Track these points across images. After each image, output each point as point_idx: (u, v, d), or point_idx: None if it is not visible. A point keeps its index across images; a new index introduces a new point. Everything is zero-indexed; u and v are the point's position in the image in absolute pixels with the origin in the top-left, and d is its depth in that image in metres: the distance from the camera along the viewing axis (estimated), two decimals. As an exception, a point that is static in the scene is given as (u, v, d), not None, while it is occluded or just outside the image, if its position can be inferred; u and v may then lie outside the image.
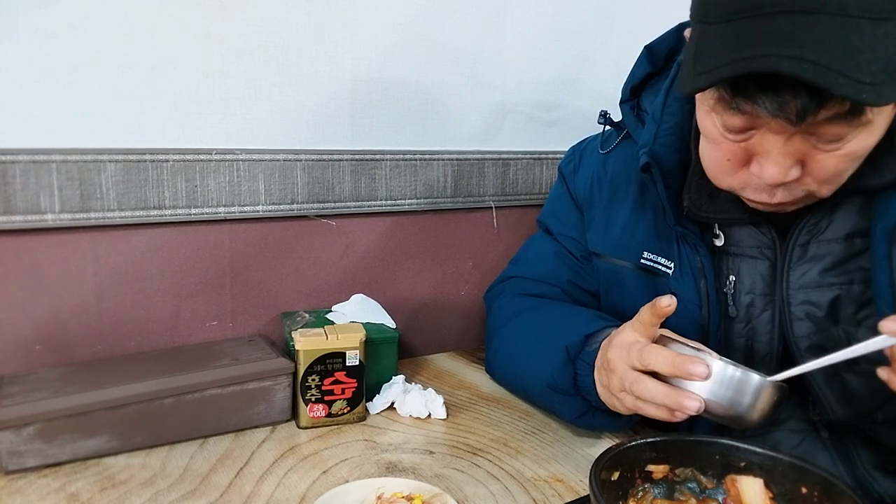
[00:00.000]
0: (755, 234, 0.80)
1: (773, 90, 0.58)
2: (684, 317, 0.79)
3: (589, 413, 0.82)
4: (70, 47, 0.87)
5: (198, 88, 0.95)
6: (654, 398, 0.67)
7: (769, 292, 0.80)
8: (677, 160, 0.81)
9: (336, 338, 0.86)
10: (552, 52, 1.22)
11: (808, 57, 0.55)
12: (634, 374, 0.69)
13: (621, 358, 0.70)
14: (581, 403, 0.81)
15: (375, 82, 1.07)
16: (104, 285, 0.94)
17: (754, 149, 0.66)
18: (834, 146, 0.63)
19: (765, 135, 0.64)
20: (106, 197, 0.91)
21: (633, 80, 0.88)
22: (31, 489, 0.72)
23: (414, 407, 0.91)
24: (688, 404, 0.65)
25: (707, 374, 0.64)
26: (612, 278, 0.93)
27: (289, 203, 1.03)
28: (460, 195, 1.18)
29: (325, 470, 0.77)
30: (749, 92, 0.60)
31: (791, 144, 0.63)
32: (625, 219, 0.91)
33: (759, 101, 0.59)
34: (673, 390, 0.66)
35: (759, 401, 0.65)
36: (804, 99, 0.57)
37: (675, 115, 0.82)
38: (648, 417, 0.70)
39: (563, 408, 0.85)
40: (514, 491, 0.74)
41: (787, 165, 0.64)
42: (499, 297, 1.05)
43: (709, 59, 0.60)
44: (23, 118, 0.86)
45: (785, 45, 0.55)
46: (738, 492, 0.65)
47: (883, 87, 0.55)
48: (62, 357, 0.92)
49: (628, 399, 0.71)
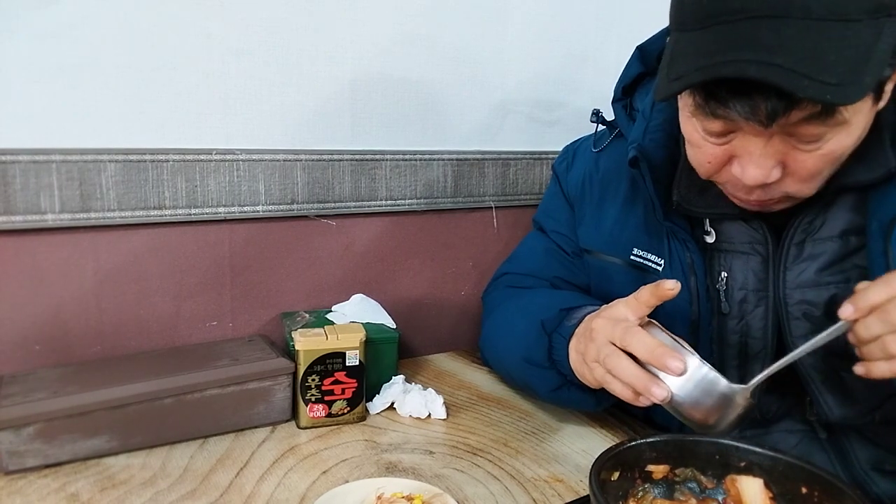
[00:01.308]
0: (746, 229, 0.80)
1: (744, 94, 0.60)
2: (675, 313, 0.80)
3: (564, 387, 0.83)
4: (70, 47, 0.87)
5: (198, 88, 0.95)
6: (623, 376, 0.69)
7: (762, 288, 0.80)
8: (666, 155, 0.82)
9: (336, 338, 0.86)
10: (552, 51, 1.22)
11: (775, 61, 0.56)
12: (612, 347, 0.70)
13: (605, 330, 0.71)
14: (556, 377, 0.83)
15: (375, 82, 1.07)
16: (104, 285, 0.94)
17: (735, 150, 0.67)
18: (813, 146, 0.64)
19: (745, 137, 0.65)
20: (106, 197, 0.91)
21: (626, 79, 0.90)
22: (31, 489, 0.72)
23: (414, 407, 0.91)
24: (656, 392, 0.66)
25: (682, 371, 0.66)
26: (602, 275, 0.93)
27: (289, 203, 1.03)
28: (460, 195, 1.18)
29: (325, 470, 0.77)
30: (721, 97, 0.61)
31: (771, 146, 0.64)
32: (615, 215, 0.91)
33: (731, 105, 0.61)
34: (645, 374, 0.68)
35: (724, 408, 0.66)
36: (774, 101, 0.59)
37: (664, 111, 0.83)
38: (614, 395, 0.72)
39: (538, 381, 0.86)
40: (514, 491, 0.74)
41: (768, 167, 0.65)
42: (491, 293, 1.08)
43: (681, 65, 0.62)
44: (23, 118, 0.86)
45: (752, 50, 0.57)
46: (738, 492, 0.65)
47: (849, 87, 0.56)
48: (62, 357, 0.92)
49: (598, 370, 0.72)
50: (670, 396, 0.66)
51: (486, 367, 1.09)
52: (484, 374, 1.08)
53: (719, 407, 0.66)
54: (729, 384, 0.66)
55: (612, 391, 0.71)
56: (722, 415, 0.66)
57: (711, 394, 0.66)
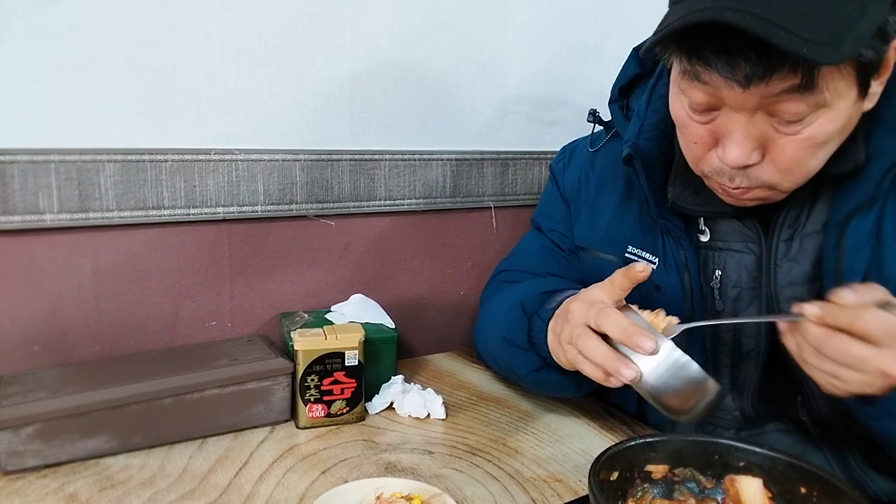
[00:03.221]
0: (739, 227, 0.80)
1: (726, 53, 0.61)
2: (669, 310, 0.80)
3: (543, 370, 0.84)
4: (69, 47, 0.86)
5: (197, 88, 0.95)
6: (594, 357, 0.69)
7: (755, 286, 0.80)
8: (660, 154, 0.83)
9: (335, 338, 0.86)
10: (552, 51, 1.22)
11: (753, 10, 0.57)
12: (584, 329, 0.70)
13: (580, 312, 0.72)
14: (535, 359, 0.84)
15: (375, 82, 1.07)
16: (103, 285, 0.94)
17: (719, 130, 0.68)
18: (794, 128, 0.65)
19: (728, 114, 0.66)
20: (105, 197, 0.91)
21: (622, 80, 0.91)
22: (31, 489, 0.72)
23: (413, 407, 0.92)
24: (624, 372, 0.67)
25: (653, 350, 0.65)
26: (597, 272, 0.93)
27: (288, 203, 1.03)
28: (459, 195, 1.18)
29: (324, 470, 0.77)
30: (704, 56, 0.62)
31: (753, 125, 0.65)
32: (610, 213, 0.92)
33: (713, 63, 0.62)
34: (614, 355, 0.68)
35: (693, 393, 0.65)
36: (753, 62, 0.60)
37: (659, 111, 0.83)
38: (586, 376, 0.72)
39: (519, 363, 0.88)
40: (513, 491, 0.74)
41: (748, 147, 0.66)
42: (487, 288, 1.09)
43: (665, 21, 0.64)
44: (22, 118, 0.86)
45: (732, 0, 0.58)
46: (738, 492, 0.65)
47: (826, 47, 0.57)
48: (61, 357, 0.92)
49: (571, 351, 0.73)
50: (640, 377, 0.66)
51: (481, 363, 1.10)
52: (483, 373, 1.08)
53: (690, 392, 0.65)
54: (700, 369, 0.65)
55: (583, 372, 0.72)
56: (693, 401, 0.66)
57: (681, 378, 0.65)
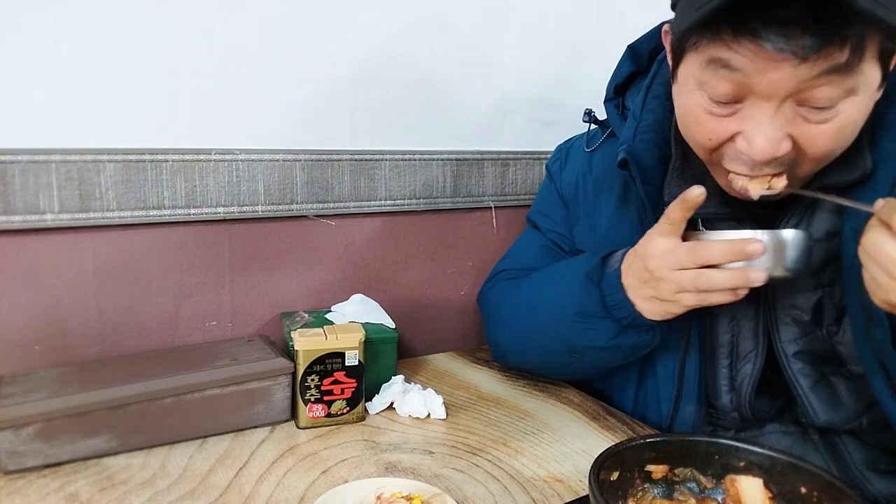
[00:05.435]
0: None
1: (779, 24, 0.58)
2: None
3: (621, 334, 0.81)
4: (70, 47, 0.86)
5: (198, 88, 0.95)
6: (720, 284, 0.70)
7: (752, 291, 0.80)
8: (656, 156, 0.82)
9: (335, 338, 0.86)
10: (552, 51, 1.22)
11: None
12: (691, 272, 0.70)
13: (665, 265, 0.72)
14: (612, 325, 0.80)
15: (375, 82, 1.07)
16: (104, 285, 0.94)
17: (742, 123, 0.65)
18: (823, 115, 0.63)
19: (754, 104, 0.64)
20: (105, 197, 0.91)
21: (617, 79, 0.90)
22: (31, 489, 0.72)
23: (413, 407, 0.91)
24: (754, 277, 0.68)
25: (763, 250, 0.68)
26: None
27: (288, 203, 1.03)
28: (460, 195, 1.18)
29: (324, 470, 0.77)
30: (754, 29, 0.59)
31: (781, 115, 0.63)
32: (609, 216, 0.91)
33: (764, 35, 0.58)
34: (737, 271, 0.69)
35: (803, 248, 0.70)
36: (812, 31, 0.57)
37: (655, 112, 0.83)
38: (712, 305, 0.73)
39: (596, 333, 0.82)
40: (514, 491, 0.74)
41: (777, 138, 0.64)
42: (490, 290, 1.06)
43: (694, 3, 0.61)
44: (22, 118, 0.86)
45: None
46: (738, 492, 0.65)
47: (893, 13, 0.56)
48: (62, 357, 0.92)
49: (687, 297, 0.72)
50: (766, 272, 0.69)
51: (482, 363, 1.09)
52: (483, 373, 1.08)
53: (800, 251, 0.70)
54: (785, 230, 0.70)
55: (712, 304, 0.72)
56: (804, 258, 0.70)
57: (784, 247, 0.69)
